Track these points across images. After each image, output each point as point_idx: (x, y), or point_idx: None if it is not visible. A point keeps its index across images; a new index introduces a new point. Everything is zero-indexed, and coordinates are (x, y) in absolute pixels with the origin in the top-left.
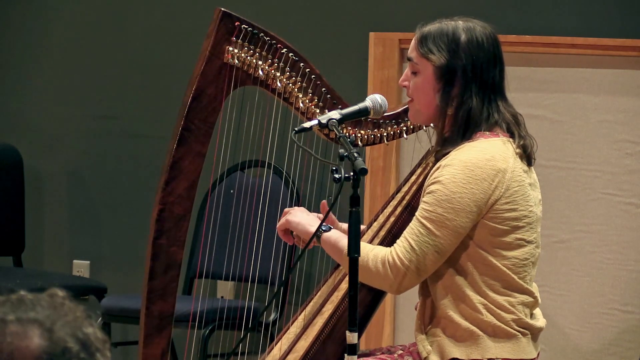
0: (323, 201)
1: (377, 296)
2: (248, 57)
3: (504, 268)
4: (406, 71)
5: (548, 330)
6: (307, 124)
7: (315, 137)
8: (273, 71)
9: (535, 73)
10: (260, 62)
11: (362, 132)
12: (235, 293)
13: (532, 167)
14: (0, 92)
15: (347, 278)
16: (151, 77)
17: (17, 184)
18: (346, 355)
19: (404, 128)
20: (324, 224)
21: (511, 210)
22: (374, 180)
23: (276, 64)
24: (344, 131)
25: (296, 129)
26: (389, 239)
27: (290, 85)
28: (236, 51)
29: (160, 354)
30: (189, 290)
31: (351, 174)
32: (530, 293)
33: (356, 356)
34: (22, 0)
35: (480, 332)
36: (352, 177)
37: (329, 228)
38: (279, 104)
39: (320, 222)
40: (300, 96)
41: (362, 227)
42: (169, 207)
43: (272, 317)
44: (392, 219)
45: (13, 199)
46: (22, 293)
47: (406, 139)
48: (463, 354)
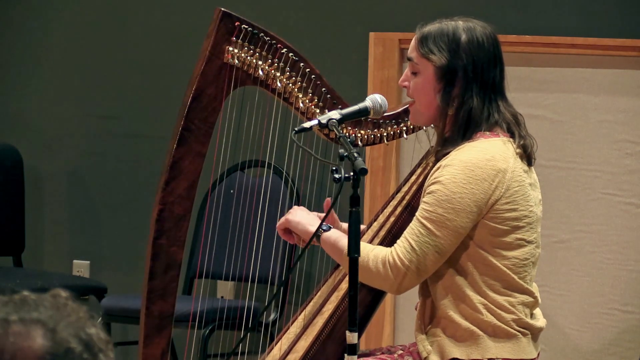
0: (327, 199)
1: (377, 296)
2: (248, 57)
3: (504, 268)
4: (406, 71)
5: (548, 330)
6: (307, 124)
7: (315, 137)
8: (273, 71)
9: (535, 73)
10: (260, 62)
11: (362, 132)
12: (235, 293)
13: (532, 167)
14: (0, 92)
15: (347, 278)
16: (151, 77)
17: (17, 184)
18: (346, 355)
19: (404, 128)
20: (324, 224)
21: (511, 210)
22: (374, 180)
23: (276, 64)
24: (344, 131)
25: (296, 129)
26: (389, 239)
27: (290, 85)
28: (236, 51)
29: (160, 354)
30: (189, 290)
31: (351, 174)
32: (530, 293)
33: (356, 356)
34: (22, 0)
35: (480, 332)
36: (352, 177)
37: (329, 228)
38: (279, 104)
39: (320, 222)
40: (300, 96)
41: (362, 227)
42: (169, 207)
43: (272, 317)
44: (392, 219)
45: (13, 199)
46: (25, 293)
47: (406, 139)
48: (463, 354)
